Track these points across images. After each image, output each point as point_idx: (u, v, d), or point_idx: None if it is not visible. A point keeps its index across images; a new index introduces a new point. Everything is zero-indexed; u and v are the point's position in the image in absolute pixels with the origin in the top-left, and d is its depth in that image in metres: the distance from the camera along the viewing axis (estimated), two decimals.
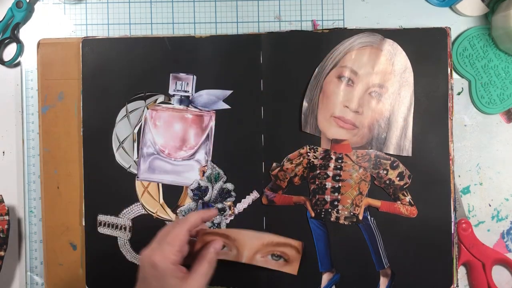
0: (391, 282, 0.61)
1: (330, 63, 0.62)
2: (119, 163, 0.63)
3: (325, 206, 0.62)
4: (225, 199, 0.62)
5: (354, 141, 0.62)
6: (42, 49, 0.63)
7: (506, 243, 0.65)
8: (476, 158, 0.65)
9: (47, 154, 0.63)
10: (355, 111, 0.62)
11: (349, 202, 0.62)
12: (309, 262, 0.62)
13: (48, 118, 0.63)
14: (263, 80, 0.62)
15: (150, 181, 0.63)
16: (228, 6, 0.66)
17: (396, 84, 0.61)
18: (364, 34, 0.62)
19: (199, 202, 0.62)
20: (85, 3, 0.66)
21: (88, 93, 0.63)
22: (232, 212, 0.62)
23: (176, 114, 0.63)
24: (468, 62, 0.64)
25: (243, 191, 0.62)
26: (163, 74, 0.63)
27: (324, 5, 0.66)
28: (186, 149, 0.63)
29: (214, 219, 0.62)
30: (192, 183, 0.62)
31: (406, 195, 0.61)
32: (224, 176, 0.62)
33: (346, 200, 0.62)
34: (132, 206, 0.63)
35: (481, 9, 0.64)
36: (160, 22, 0.66)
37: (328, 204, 0.62)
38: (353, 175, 0.62)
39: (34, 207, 0.65)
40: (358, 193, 0.62)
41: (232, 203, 0.62)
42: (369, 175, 0.62)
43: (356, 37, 0.62)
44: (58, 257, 0.63)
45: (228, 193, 0.62)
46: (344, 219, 0.62)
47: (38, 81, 0.63)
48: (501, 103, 0.64)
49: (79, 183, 0.63)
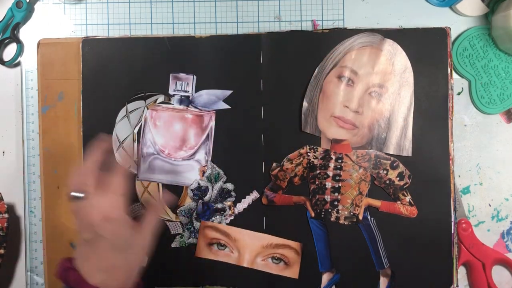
0: (391, 282, 0.61)
1: (330, 63, 0.62)
2: (119, 163, 0.62)
3: (325, 206, 0.62)
4: (225, 199, 0.62)
5: (354, 141, 0.62)
6: (42, 49, 0.63)
7: (506, 243, 0.65)
8: (476, 158, 0.65)
9: (47, 154, 0.63)
10: (355, 111, 0.62)
11: (349, 202, 0.62)
12: (309, 262, 0.62)
13: (48, 118, 0.63)
14: (263, 80, 0.62)
15: (150, 181, 0.63)
16: (228, 6, 0.66)
17: (396, 84, 0.61)
18: (364, 34, 0.62)
19: (199, 202, 0.62)
20: (85, 3, 0.66)
21: (88, 93, 0.63)
22: (232, 212, 0.62)
23: (176, 114, 0.63)
24: (468, 62, 0.64)
25: (243, 191, 0.62)
26: (163, 74, 0.63)
27: (324, 5, 0.66)
28: (186, 149, 0.63)
29: (214, 219, 0.62)
30: (192, 183, 0.62)
31: (406, 195, 0.61)
32: (224, 176, 0.62)
33: (346, 200, 0.62)
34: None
35: (481, 9, 0.64)
36: (160, 22, 0.66)
37: (328, 204, 0.62)
38: (353, 175, 0.62)
39: (34, 207, 0.65)
40: (358, 193, 0.62)
41: (232, 203, 0.62)
42: (369, 175, 0.62)
43: (356, 37, 0.62)
44: (58, 257, 0.63)
45: (228, 193, 0.62)
46: (344, 219, 0.62)
47: (38, 81, 0.63)
48: (501, 103, 0.64)
49: None
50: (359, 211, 0.62)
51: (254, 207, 0.62)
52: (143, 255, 0.50)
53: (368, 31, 0.62)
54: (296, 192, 0.62)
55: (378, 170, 0.61)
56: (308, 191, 0.62)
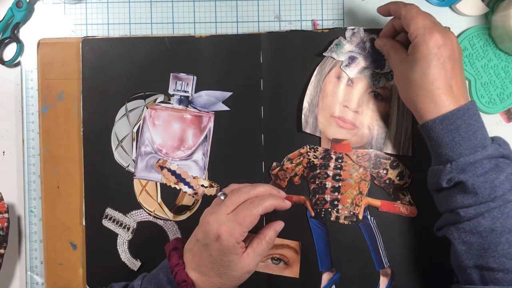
0: (391, 282, 0.61)
1: (330, 63, 0.62)
2: (118, 161, 0.63)
3: (325, 205, 0.62)
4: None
5: (354, 140, 0.62)
6: (42, 49, 0.63)
7: None
8: None
9: (47, 154, 0.63)
10: (355, 111, 0.62)
11: (349, 202, 0.61)
12: (309, 261, 0.62)
13: (48, 118, 0.63)
14: (263, 80, 0.62)
15: (147, 180, 0.63)
16: (228, 6, 0.66)
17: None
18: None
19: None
20: (85, 3, 0.66)
21: (88, 93, 0.63)
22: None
23: (175, 114, 0.63)
24: (468, 61, 0.64)
25: None
26: (163, 74, 0.63)
27: (324, 5, 0.66)
28: (184, 149, 0.63)
29: None
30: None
31: (406, 194, 0.61)
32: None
33: (346, 199, 0.61)
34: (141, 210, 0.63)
35: (481, 8, 0.64)
36: (160, 22, 0.66)
37: (328, 204, 0.62)
38: (353, 174, 0.62)
39: (34, 206, 0.65)
40: (358, 193, 0.62)
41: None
42: (369, 175, 0.62)
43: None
44: (58, 256, 0.63)
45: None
46: (344, 219, 0.62)
47: (38, 81, 0.63)
48: (501, 103, 0.64)
49: (79, 183, 0.63)
50: (359, 210, 0.62)
51: None
52: (239, 281, 0.53)
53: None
54: (296, 191, 0.62)
55: (378, 169, 0.61)
56: (308, 190, 0.62)
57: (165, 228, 0.63)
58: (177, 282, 0.50)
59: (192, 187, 0.62)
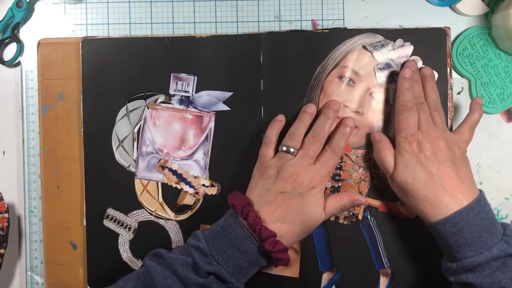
0: (391, 282, 0.61)
1: (331, 63, 0.62)
2: (119, 162, 0.63)
3: None
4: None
5: (354, 141, 0.62)
6: (42, 49, 0.63)
7: None
8: (476, 158, 0.65)
9: (47, 154, 0.63)
10: (355, 111, 0.62)
11: None
12: (309, 261, 0.62)
13: (48, 118, 0.63)
14: (263, 80, 0.62)
15: (148, 179, 0.63)
16: (228, 6, 0.66)
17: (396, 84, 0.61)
18: (366, 35, 0.62)
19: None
20: (85, 3, 0.66)
21: (88, 93, 0.63)
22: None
23: (176, 114, 0.63)
24: (468, 61, 0.64)
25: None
26: (163, 74, 0.63)
27: (324, 5, 0.66)
28: (184, 149, 0.63)
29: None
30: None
31: None
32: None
33: None
34: (142, 210, 0.63)
35: (481, 8, 0.64)
36: (160, 22, 0.66)
37: None
38: (352, 175, 0.62)
39: (34, 206, 0.65)
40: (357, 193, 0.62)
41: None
42: (369, 175, 0.62)
43: (358, 37, 0.62)
44: (59, 256, 0.63)
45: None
46: (344, 219, 0.62)
47: (38, 81, 0.63)
48: (501, 103, 0.64)
49: (79, 183, 0.63)
50: (359, 211, 0.62)
51: None
52: (314, 228, 0.56)
53: (368, 31, 0.62)
54: None
55: (378, 170, 0.61)
56: None
57: (166, 227, 0.63)
58: (264, 237, 0.52)
59: (193, 187, 0.62)
